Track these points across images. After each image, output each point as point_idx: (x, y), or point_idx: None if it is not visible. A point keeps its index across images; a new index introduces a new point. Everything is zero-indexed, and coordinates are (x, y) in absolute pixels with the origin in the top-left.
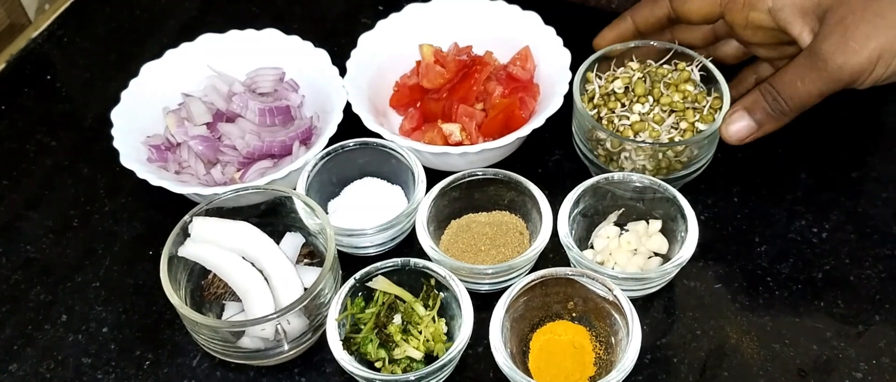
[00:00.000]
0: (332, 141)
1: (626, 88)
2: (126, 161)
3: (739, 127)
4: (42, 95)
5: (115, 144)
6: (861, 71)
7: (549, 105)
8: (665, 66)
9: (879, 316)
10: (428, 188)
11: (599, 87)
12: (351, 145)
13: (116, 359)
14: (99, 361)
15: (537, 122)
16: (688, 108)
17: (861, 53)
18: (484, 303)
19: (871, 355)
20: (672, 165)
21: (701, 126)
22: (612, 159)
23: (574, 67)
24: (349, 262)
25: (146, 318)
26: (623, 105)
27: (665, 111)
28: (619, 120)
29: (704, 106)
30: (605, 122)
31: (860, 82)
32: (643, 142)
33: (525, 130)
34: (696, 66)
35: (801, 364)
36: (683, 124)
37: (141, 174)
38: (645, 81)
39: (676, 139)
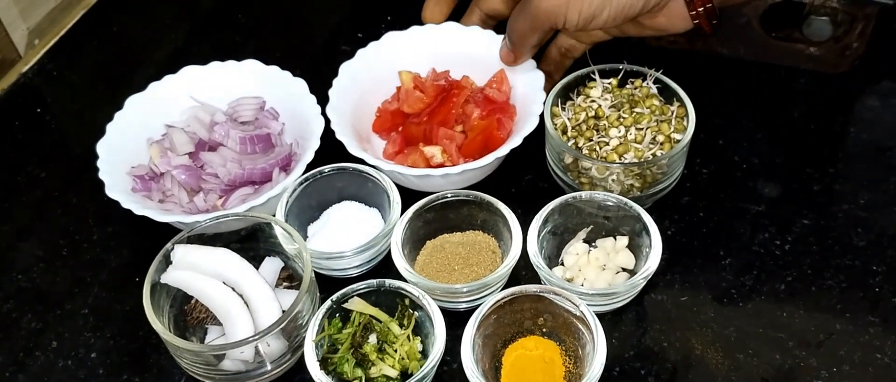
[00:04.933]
0: (311, 166)
1: (597, 115)
2: (111, 192)
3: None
4: (32, 127)
5: (101, 175)
6: (555, 13)
7: (525, 125)
8: (626, 87)
9: (840, 325)
10: (404, 210)
11: (569, 118)
12: (327, 170)
13: None
14: None
15: (515, 141)
16: (661, 121)
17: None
18: (462, 321)
19: (832, 363)
20: (656, 177)
21: (676, 136)
22: (596, 184)
23: (547, 88)
24: (330, 284)
25: (133, 343)
26: (597, 131)
27: (641, 130)
28: (601, 147)
29: (671, 116)
30: (586, 151)
31: (561, 25)
32: (632, 163)
33: (504, 150)
34: (650, 80)
35: (764, 372)
36: (660, 138)
37: (125, 204)
38: (617, 108)
39: (659, 153)
